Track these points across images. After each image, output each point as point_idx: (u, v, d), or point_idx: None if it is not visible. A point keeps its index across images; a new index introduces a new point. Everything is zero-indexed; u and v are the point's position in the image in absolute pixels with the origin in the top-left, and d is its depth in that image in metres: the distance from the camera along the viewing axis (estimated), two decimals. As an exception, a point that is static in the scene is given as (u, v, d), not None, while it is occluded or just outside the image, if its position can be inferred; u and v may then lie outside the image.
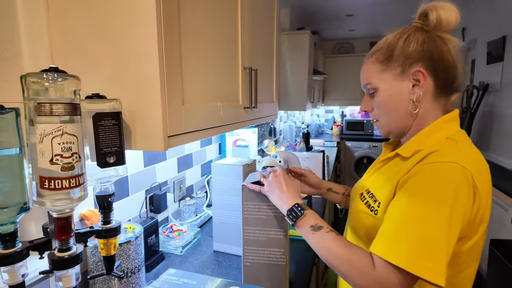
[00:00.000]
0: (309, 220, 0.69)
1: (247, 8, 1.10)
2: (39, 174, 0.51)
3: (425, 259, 0.54)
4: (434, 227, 0.55)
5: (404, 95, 0.67)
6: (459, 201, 0.55)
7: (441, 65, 0.65)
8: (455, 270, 0.63)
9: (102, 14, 0.64)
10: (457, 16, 0.66)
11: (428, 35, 0.67)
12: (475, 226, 0.60)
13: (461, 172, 0.56)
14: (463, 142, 0.64)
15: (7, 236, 0.54)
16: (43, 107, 0.50)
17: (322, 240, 0.65)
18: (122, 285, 0.82)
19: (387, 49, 0.69)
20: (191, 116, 0.74)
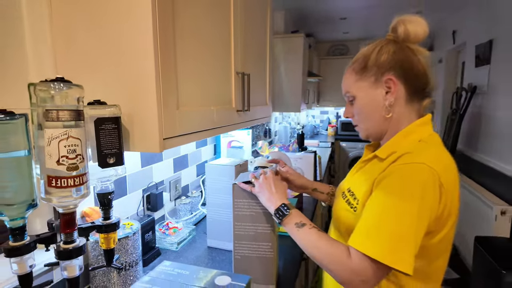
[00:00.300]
0: (294, 218, 0.75)
1: (240, 15, 1.16)
2: (47, 174, 0.56)
3: (395, 250, 0.60)
4: (403, 222, 0.61)
5: (378, 101, 0.74)
6: (426, 198, 0.61)
7: (410, 73, 0.72)
8: (427, 261, 0.69)
9: (103, 26, 0.70)
10: (424, 29, 0.72)
11: (398, 47, 0.73)
12: (443, 221, 0.66)
13: (428, 172, 0.62)
14: (433, 145, 0.70)
15: (17, 230, 0.60)
16: (50, 114, 0.56)
17: (305, 235, 0.71)
18: (120, 277, 0.87)
19: (362, 60, 0.75)
20: (185, 119, 0.80)
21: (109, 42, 0.70)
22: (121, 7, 0.68)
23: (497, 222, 2.02)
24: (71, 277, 0.62)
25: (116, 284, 0.87)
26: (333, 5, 2.95)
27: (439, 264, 0.72)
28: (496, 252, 1.78)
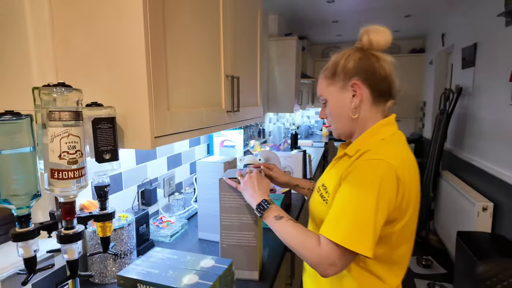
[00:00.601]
0: (273, 212, 0.83)
1: (229, 20, 1.24)
2: (50, 167, 0.64)
3: (355, 236, 0.68)
4: (363, 211, 0.69)
5: (346, 104, 0.82)
6: (384, 189, 0.69)
7: (374, 77, 0.79)
8: (390, 247, 0.77)
9: (99, 34, 0.77)
10: (386, 38, 0.80)
11: (363, 54, 0.81)
12: (402, 210, 0.74)
13: (386, 166, 0.70)
14: (394, 143, 0.78)
15: (23, 218, 0.67)
16: (53, 114, 0.63)
17: (283, 227, 0.80)
18: (116, 264, 0.95)
19: (332, 67, 0.83)
20: (176, 120, 0.88)
21: (105, 49, 0.77)
22: (114, 16, 0.75)
23: (479, 218, 2.10)
24: (71, 259, 0.70)
25: (112, 270, 0.95)
26: (325, 9, 3.04)
27: (402, 251, 0.80)
28: (477, 246, 1.87)
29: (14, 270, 0.77)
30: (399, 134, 0.82)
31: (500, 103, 2.15)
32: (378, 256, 0.76)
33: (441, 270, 2.67)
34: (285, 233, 0.79)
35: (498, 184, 2.09)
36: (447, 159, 3.17)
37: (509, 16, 1.99)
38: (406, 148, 0.80)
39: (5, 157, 0.65)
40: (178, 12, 0.88)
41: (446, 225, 2.77)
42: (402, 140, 0.82)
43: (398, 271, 0.82)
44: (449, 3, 2.87)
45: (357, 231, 0.68)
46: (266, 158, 1.59)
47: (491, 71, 2.30)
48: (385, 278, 0.79)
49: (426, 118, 4.20)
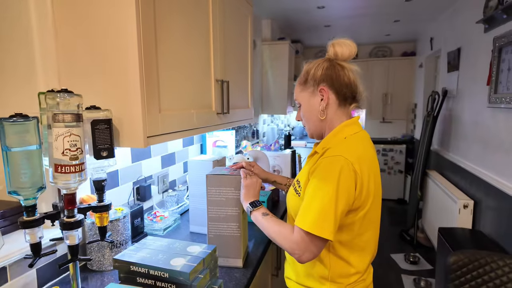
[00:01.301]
0: (261, 210, 0.95)
1: (219, 27, 1.33)
2: (54, 163, 0.74)
3: (320, 223, 0.78)
4: (325, 201, 0.79)
5: (315, 107, 0.93)
6: (342, 181, 0.79)
7: (338, 84, 0.90)
8: (355, 234, 0.87)
9: (98, 47, 0.87)
10: (350, 49, 0.91)
11: (331, 63, 0.91)
12: (362, 200, 0.84)
13: (343, 161, 0.80)
14: (354, 141, 0.88)
15: (30, 208, 0.77)
16: (57, 116, 0.73)
17: (267, 222, 0.91)
18: (112, 253, 1.04)
19: (304, 75, 0.95)
20: (167, 121, 0.97)
21: (102, 58, 0.87)
22: (110, 29, 0.85)
23: (460, 215, 2.20)
24: (72, 244, 0.80)
25: (109, 259, 1.04)
26: (316, 14, 3.14)
27: (367, 237, 0.90)
28: (456, 241, 1.97)
29: (21, 255, 0.87)
30: (362, 133, 0.93)
31: (478, 105, 2.26)
32: (345, 242, 0.87)
33: (427, 266, 2.77)
34: (268, 227, 0.90)
35: (478, 183, 2.19)
36: (434, 159, 3.27)
37: (487, 23, 2.10)
38: (366, 145, 0.90)
39: (15, 154, 0.74)
40: (168, 22, 0.98)
41: (432, 223, 2.88)
42: (364, 138, 0.92)
43: (365, 255, 0.92)
44: (434, 10, 2.99)
45: (320, 219, 0.79)
46: (254, 157, 1.69)
47: (472, 75, 2.41)
48: (352, 262, 0.89)
49: (417, 119, 4.31)
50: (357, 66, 0.93)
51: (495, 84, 1.94)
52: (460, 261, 1.36)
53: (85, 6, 0.86)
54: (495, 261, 1.34)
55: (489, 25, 2.08)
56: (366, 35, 4.21)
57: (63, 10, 0.89)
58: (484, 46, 2.17)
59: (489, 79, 2.02)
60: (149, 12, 0.87)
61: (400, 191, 4.54)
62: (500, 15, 1.90)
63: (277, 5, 2.87)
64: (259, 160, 1.70)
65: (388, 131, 4.85)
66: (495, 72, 1.94)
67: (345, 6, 2.90)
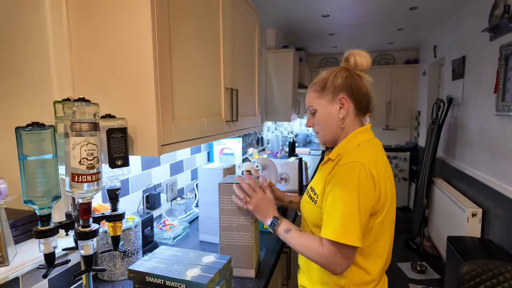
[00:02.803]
0: (282, 226, 0.93)
1: (228, 37, 1.35)
2: (71, 172, 0.73)
3: (344, 230, 0.78)
4: (348, 208, 0.79)
5: (334, 114, 0.93)
6: (362, 186, 0.80)
7: (357, 93, 0.91)
8: (372, 240, 0.87)
9: (112, 56, 0.87)
10: (368, 61, 0.92)
11: (349, 73, 0.92)
12: (381, 204, 0.84)
13: (361, 167, 0.81)
14: (367, 147, 0.89)
15: (44, 217, 0.76)
16: (75, 125, 0.73)
17: (292, 238, 0.90)
18: (124, 263, 1.03)
19: (322, 82, 0.95)
20: (180, 129, 0.97)
21: (117, 67, 0.87)
22: (126, 38, 0.85)
23: (469, 223, 2.18)
24: (86, 254, 0.79)
25: (120, 268, 1.03)
26: (321, 23, 3.17)
27: (383, 243, 0.90)
28: (465, 250, 1.94)
29: (33, 265, 0.85)
30: (374, 140, 0.94)
31: (485, 113, 2.26)
32: (361, 249, 0.86)
33: (434, 275, 2.73)
34: (295, 243, 0.89)
35: (486, 191, 2.18)
36: (439, 167, 3.26)
37: (493, 32, 2.12)
38: (379, 151, 0.91)
39: (31, 163, 0.73)
40: (182, 30, 0.99)
41: (439, 231, 2.85)
42: (376, 145, 0.93)
43: (380, 262, 0.91)
44: (438, 18, 3.01)
45: (344, 226, 0.78)
46: (263, 165, 1.68)
47: (478, 83, 2.41)
48: (369, 269, 0.88)
49: (420, 127, 4.30)
50: (371, 78, 0.95)
51: (502, 92, 1.94)
52: (473, 271, 1.34)
53: (100, 17, 0.87)
54: (509, 271, 1.32)
55: (495, 34, 2.09)
56: (370, 43, 4.24)
57: (78, 21, 0.90)
58: (490, 54, 2.17)
59: (496, 87, 2.02)
60: (163, 20, 0.88)
61: (404, 198, 4.51)
62: (506, 23, 1.91)
63: (282, 15, 2.90)
64: (267, 168, 1.69)
65: (392, 138, 4.84)
66: (502, 80, 1.94)
67: (350, 15, 2.92)
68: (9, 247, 0.84)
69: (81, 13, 0.89)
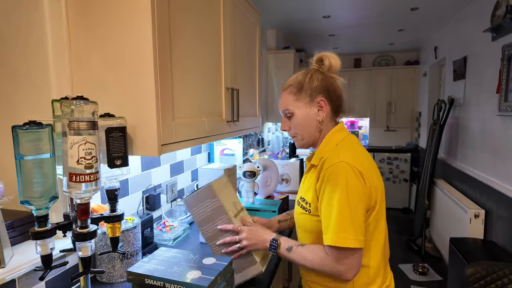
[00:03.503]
0: (283, 246, 0.91)
1: (229, 37, 1.33)
2: (69, 171, 0.71)
3: (342, 233, 0.77)
4: (341, 210, 0.78)
5: (312, 117, 0.92)
6: (352, 185, 0.79)
7: (334, 95, 0.93)
8: (369, 234, 0.86)
9: (112, 55, 0.86)
10: (339, 62, 0.94)
11: (324, 75, 0.92)
12: (373, 198, 0.84)
13: (346, 165, 0.80)
14: (346, 145, 0.89)
15: (41, 218, 0.74)
16: (73, 124, 0.71)
17: (295, 256, 0.89)
18: (123, 264, 1.01)
19: (298, 84, 0.93)
20: (180, 129, 0.96)
21: (116, 66, 0.86)
22: (125, 37, 0.84)
23: (471, 224, 2.16)
24: (84, 256, 0.77)
25: (119, 270, 1.01)
26: (321, 24, 3.16)
27: (378, 234, 0.89)
28: (468, 252, 1.92)
29: (30, 267, 0.84)
30: (350, 137, 0.94)
31: (487, 114, 2.24)
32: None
33: (437, 277, 2.71)
34: (300, 260, 0.89)
35: (489, 192, 2.16)
36: (441, 168, 3.24)
37: (494, 32, 2.11)
38: (357, 146, 0.92)
39: (28, 162, 0.72)
40: (183, 31, 0.97)
41: (441, 233, 2.83)
42: (353, 141, 0.93)
43: (382, 258, 0.91)
44: (438, 19, 3.00)
45: (339, 230, 0.78)
46: (264, 166, 1.67)
47: (479, 83, 2.40)
48: (367, 263, 0.87)
49: (421, 128, 4.29)
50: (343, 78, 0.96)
51: (505, 92, 1.93)
52: (478, 273, 1.32)
53: (99, 14, 0.86)
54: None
55: (497, 34, 2.08)
56: (370, 44, 4.23)
57: (77, 19, 0.88)
58: (492, 55, 2.16)
59: (498, 87, 2.01)
60: (164, 19, 0.87)
61: (405, 200, 4.49)
62: (508, 23, 1.90)
63: (283, 15, 2.89)
64: (268, 169, 1.67)
65: (393, 139, 4.83)
66: (505, 81, 1.93)
67: (350, 16, 2.91)
68: (6, 249, 0.82)
69: (80, 10, 0.88)
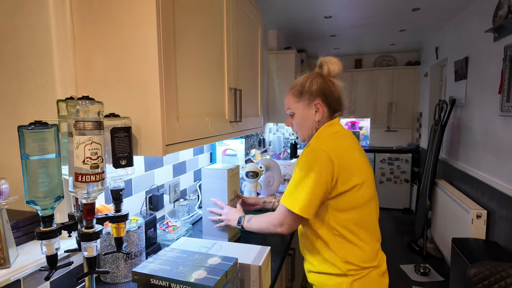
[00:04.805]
0: (246, 219, 1.14)
1: (232, 38, 1.33)
2: (75, 171, 0.71)
3: (296, 201, 0.93)
4: (303, 184, 0.93)
5: (310, 117, 1.05)
6: (320, 168, 0.92)
7: (331, 98, 1.03)
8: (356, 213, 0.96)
9: (117, 56, 0.86)
10: (339, 67, 1.03)
11: (323, 79, 1.03)
12: (343, 183, 0.93)
13: (320, 152, 0.93)
14: (331, 137, 1.00)
15: (47, 218, 0.74)
16: (79, 124, 0.71)
17: (253, 222, 1.11)
18: (127, 265, 1.01)
19: (300, 87, 1.05)
20: (184, 129, 0.96)
21: (121, 67, 0.86)
22: (130, 37, 0.84)
23: (473, 225, 2.16)
24: (90, 256, 0.77)
25: (123, 270, 1.01)
26: (323, 24, 3.16)
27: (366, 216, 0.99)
28: (471, 252, 1.92)
29: (35, 267, 0.84)
30: (343, 131, 1.04)
31: (489, 114, 2.24)
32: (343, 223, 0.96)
33: (438, 277, 2.71)
34: (256, 225, 1.09)
35: (491, 192, 2.16)
36: (442, 168, 3.24)
37: (496, 32, 2.11)
38: (346, 139, 1.01)
39: (34, 162, 0.72)
40: (187, 31, 0.97)
41: (442, 233, 2.83)
42: (342, 135, 1.02)
43: (365, 237, 0.98)
44: (440, 19, 3.00)
45: (297, 198, 0.93)
46: (266, 166, 1.66)
47: (481, 84, 2.40)
48: (356, 242, 0.96)
49: (422, 128, 4.29)
50: (342, 81, 1.06)
51: (507, 92, 1.93)
52: (481, 274, 1.32)
53: (104, 14, 0.86)
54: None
55: (499, 34, 2.08)
56: (371, 45, 4.23)
57: (82, 19, 0.88)
58: (494, 55, 2.16)
59: (500, 88, 2.01)
60: (168, 18, 0.87)
61: (406, 200, 4.49)
62: (510, 24, 1.90)
63: (284, 15, 2.89)
64: (271, 169, 1.67)
65: (393, 140, 4.83)
66: (507, 81, 1.93)
67: (352, 16, 2.92)
68: (11, 249, 0.82)
69: (85, 10, 0.88)
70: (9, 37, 0.92)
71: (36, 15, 0.89)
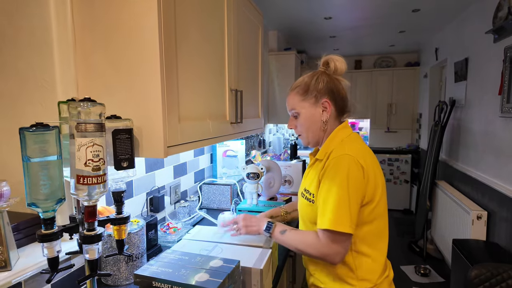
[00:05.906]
0: (277, 229, 0.99)
1: (233, 40, 1.33)
2: (77, 174, 0.71)
3: (337, 219, 0.83)
4: (339, 198, 0.83)
5: (317, 117, 0.97)
6: (352, 177, 0.84)
7: (338, 97, 0.97)
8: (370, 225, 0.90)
9: (117, 57, 0.86)
10: (345, 65, 0.98)
11: (329, 77, 0.97)
12: (373, 191, 0.87)
13: (350, 158, 0.86)
14: (351, 141, 0.94)
15: (48, 220, 0.74)
16: (80, 126, 0.71)
17: (288, 237, 0.95)
18: (128, 267, 1.01)
19: (305, 86, 0.98)
20: (186, 130, 0.95)
21: (122, 68, 0.86)
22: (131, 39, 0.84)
23: (474, 226, 2.16)
24: (91, 258, 0.76)
25: (124, 272, 1.00)
26: (322, 25, 3.17)
27: (382, 228, 0.93)
28: (471, 253, 1.92)
29: (37, 270, 0.83)
30: (354, 134, 0.99)
31: (489, 115, 2.24)
32: (363, 238, 0.89)
33: (439, 278, 2.71)
34: (291, 242, 0.93)
35: (491, 193, 2.16)
36: (442, 169, 3.24)
37: (496, 33, 2.11)
38: (361, 143, 0.96)
39: (35, 165, 0.71)
40: (188, 33, 0.97)
41: (443, 234, 2.83)
42: (357, 138, 0.97)
43: (382, 247, 0.94)
44: (440, 20, 3.01)
45: (337, 215, 0.82)
46: (267, 167, 1.66)
47: (481, 85, 2.40)
48: (371, 255, 0.91)
49: (422, 129, 4.29)
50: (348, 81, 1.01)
51: (507, 93, 1.93)
52: (482, 275, 1.32)
53: (105, 14, 0.86)
54: (519, 275, 1.29)
55: (499, 35, 2.08)
56: (371, 46, 4.24)
57: (83, 18, 0.88)
58: (494, 56, 2.17)
59: (500, 89, 2.01)
60: (170, 19, 0.87)
61: (406, 201, 4.49)
62: (510, 25, 1.90)
63: (284, 16, 2.89)
64: (272, 170, 1.67)
65: (393, 140, 4.83)
66: (507, 82, 1.93)
67: (352, 17, 2.92)
68: (12, 251, 0.82)
69: (86, 10, 0.88)
70: (9, 37, 0.91)
71: (36, 14, 0.88)
